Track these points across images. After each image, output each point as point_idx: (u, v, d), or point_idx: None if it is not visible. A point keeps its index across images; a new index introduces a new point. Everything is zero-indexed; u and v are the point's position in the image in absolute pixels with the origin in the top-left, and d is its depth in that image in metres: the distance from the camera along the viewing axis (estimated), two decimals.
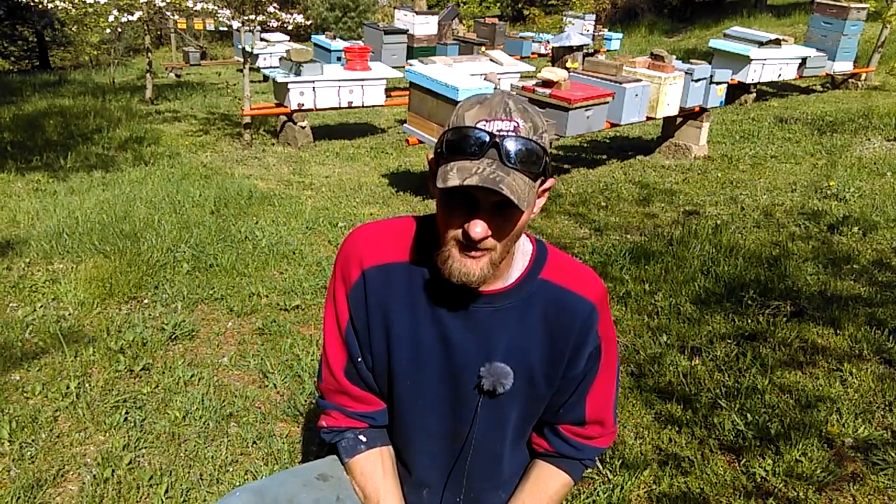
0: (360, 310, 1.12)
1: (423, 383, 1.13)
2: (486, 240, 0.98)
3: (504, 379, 1.09)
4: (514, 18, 19.27)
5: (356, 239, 1.14)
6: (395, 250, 1.12)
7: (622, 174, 5.38)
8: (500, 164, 0.94)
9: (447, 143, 0.97)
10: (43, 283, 3.09)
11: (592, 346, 1.14)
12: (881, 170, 5.19)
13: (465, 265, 1.00)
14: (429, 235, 1.11)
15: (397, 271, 1.11)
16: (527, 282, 1.11)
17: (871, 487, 1.91)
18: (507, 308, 1.10)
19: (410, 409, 1.16)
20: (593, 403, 1.19)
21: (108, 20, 7.13)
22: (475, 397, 1.13)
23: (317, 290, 3.10)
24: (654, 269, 3.34)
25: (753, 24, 12.28)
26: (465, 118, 0.97)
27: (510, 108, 0.96)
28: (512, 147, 0.94)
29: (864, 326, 2.76)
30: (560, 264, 1.15)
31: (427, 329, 1.10)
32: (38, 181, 4.95)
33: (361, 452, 1.18)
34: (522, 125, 0.95)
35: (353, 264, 1.12)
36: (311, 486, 1.14)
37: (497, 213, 0.97)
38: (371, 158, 6.09)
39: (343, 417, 1.19)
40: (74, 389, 2.28)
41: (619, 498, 1.86)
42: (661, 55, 5.36)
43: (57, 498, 1.84)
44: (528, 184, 0.96)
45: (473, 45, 9.87)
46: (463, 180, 0.92)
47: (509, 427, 1.18)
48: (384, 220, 1.18)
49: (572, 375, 1.15)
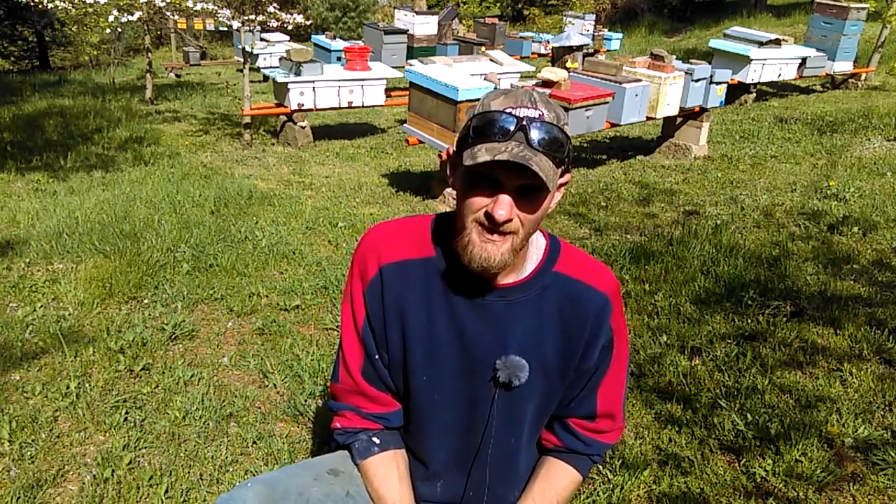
0: (376, 306, 1.13)
1: (440, 378, 1.14)
2: (510, 222, 0.98)
3: (520, 372, 1.10)
4: (514, 18, 19.27)
5: (374, 237, 1.15)
6: (411, 247, 1.13)
7: (622, 174, 5.39)
8: (527, 146, 0.96)
9: (474, 128, 0.99)
10: (43, 283, 3.09)
11: (605, 339, 1.15)
12: (881, 170, 5.19)
13: (486, 250, 1.00)
14: (445, 232, 1.12)
15: (414, 267, 1.12)
16: (541, 275, 1.12)
17: (871, 487, 1.91)
18: (522, 301, 1.11)
19: (427, 403, 1.16)
20: (604, 396, 1.20)
21: (108, 20, 7.14)
22: (491, 391, 1.13)
23: (317, 290, 3.10)
24: (654, 269, 3.34)
25: (753, 24, 12.29)
26: (491, 106, 1.00)
27: (535, 98, 0.99)
28: (538, 132, 0.96)
29: (864, 326, 2.76)
30: (573, 258, 1.16)
31: (442, 324, 1.11)
32: (38, 181, 4.95)
33: (375, 454, 1.18)
34: (547, 114, 0.98)
35: (371, 261, 1.13)
36: (322, 480, 1.14)
37: (521, 195, 0.98)
38: (371, 158, 6.09)
39: (357, 418, 1.19)
40: (74, 389, 2.28)
41: (619, 498, 1.86)
42: (661, 55, 5.36)
43: (57, 498, 1.84)
44: (552, 167, 0.98)
45: (473, 45, 9.88)
46: (493, 156, 0.94)
47: (525, 421, 1.18)
48: (401, 219, 1.20)
49: (585, 368, 1.16)
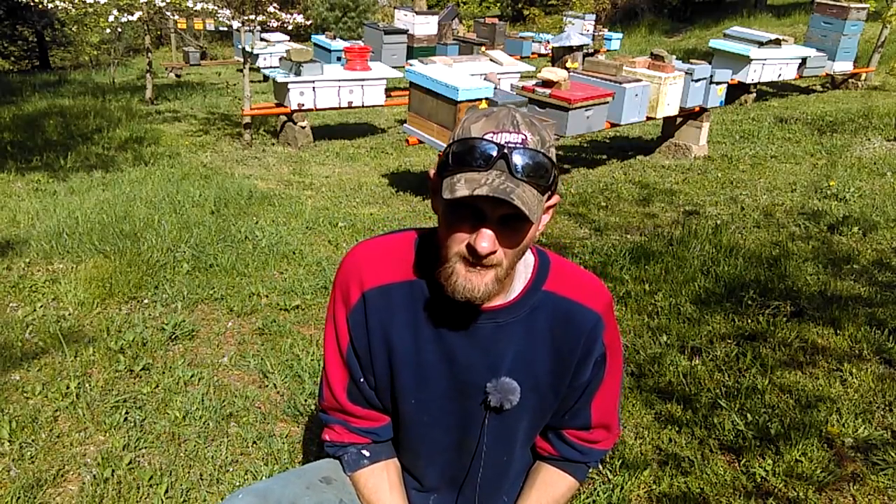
0: (360, 331, 1.10)
1: (429, 402, 1.12)
2: (493, 255, 0.95)
3: (511, 395, 1.08)
4: (514, 18, 19.26)
5: (355, 259, 1.11)
6: (395, 270, 1.09)
7: (622, 174, 5.38)
8: (508, 176, 0.91)
9: (453, 154, 0.94)
10: (43, 283, 3.09)
11: (598, 354, 1.13)
12: (881, 170, 5.19)
13: (470, 281, 0.97)
14: (430, 252, 1.08)
15: (398, 291, 1.08)
16: (530, 295, 1.08)
17: (871, 487, 1.91)
18: (512, 322, 1.07)
19: (416, 424, 1.15)
20: (599, 408, 1.18)
21: (108, 20, 7.14)
22: (482, 413, 1.12)
23: (317, 290, 3.10)
24: (654, 269, 3.34)
25: (753, 24, 12.28)
26: (472, 130, 0.94)
27: (517, 121, 0.94)
28: (521, 159, 0.91)
29: (864, 326, 2.76)
30: (563, 274, 1.12)
31: (430, 348, 1.08)
32: (38, 181, 4.95)
33: (365, 466, 1.17)
34: (530, 138, 0.93)
35: (354, 286, 1.09)
36: (315, 488, 1.14)
37: (504, 226, 0.94)
38: (371, 158, 6.09)
39: (346, 432, 1.18)
40: (74, 389, 2.28)
41: (619, 498, 1.86)
42: (661, 55, 5.36)
43: (57, 498, 1.84)
44: (536, 196, 0.93)
45: (473, 45, 9.87)
46: (472, 191, 0.90)
47: (517, 439, 1.18)
48: (383, 237, 1.15)
49: (578, 384, 1.14)
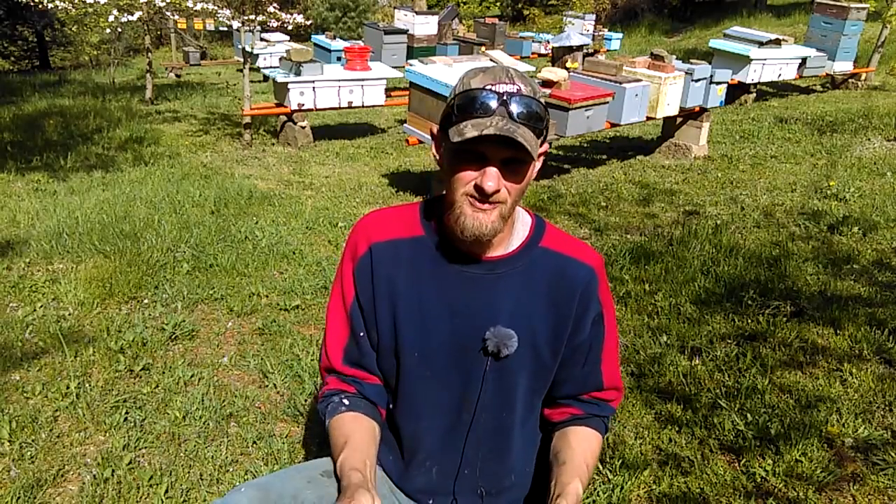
0: (366, 283, 1.16)
1: (431, 353, 1.16)
2: (498, 193, 1.04)
3: (508, 340, 1.13)
4: (514, 18, 19.26)
5: (364, 222, 1.21)
6: (401, 228, 1.18)
7: (622, 174, 5.38)
8: (509, 120, 1.02)
9: (457, 106, 1.04)
10: (43, 283, 3.09)
11: (595, 312, 1.19)
12: (881, 170, 5.19)
13: (478, 219, 1.06)
14: (433, 213, 1.17)
15: (404, 245, 1.16)
16: (528, 249, 1.17)
17: (871, 487, 1.91)
18: (510, 274, 1.15)
19: (418, 381, 1.18)
20: (607, 369, 1.24)
21: (108, 20, 7.13)
22: (482, 362, 1.16)
23: (317, 290, 3.10)
24: (654, 269, 3.34)
25: (753, 24, 12.28)
26: (472, 83, 1.05)
27: (512, 74, 1.05)
28: (519, 105, 1.02)
29: (864, 326, 2.76)
30: (558, 235, 1.22)
31: (432, 298, 1.14)
32: (38, 181, 4.95)
33: (341, 413, 1.18)
34: (524, 88, 1.04)
35: (362, 242, 1.18)
36: (316, 482, 1.14)
37: (507, 167, 1.05)
38: (371, 158, 6.09)
39: (336, 381, 1.22)
40: (74, 389, 2.28)
41: (619, 498, 1.86)
42: (661, 55, 5.35)
43: (57, 498, 1.84)
44: (534, 138, 1.04)
45: (473, 45, 9.88)
46: (481, 131, 1.00)
47: (517, 397, 1.20)
48: (391, 206, 1.25)
49: (578, 342, 1.19)
